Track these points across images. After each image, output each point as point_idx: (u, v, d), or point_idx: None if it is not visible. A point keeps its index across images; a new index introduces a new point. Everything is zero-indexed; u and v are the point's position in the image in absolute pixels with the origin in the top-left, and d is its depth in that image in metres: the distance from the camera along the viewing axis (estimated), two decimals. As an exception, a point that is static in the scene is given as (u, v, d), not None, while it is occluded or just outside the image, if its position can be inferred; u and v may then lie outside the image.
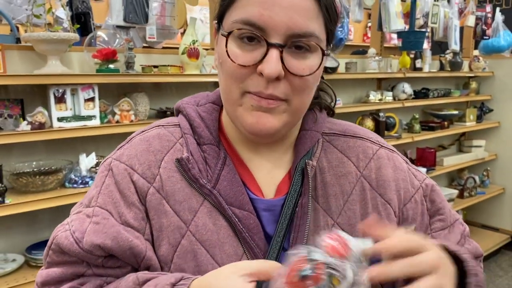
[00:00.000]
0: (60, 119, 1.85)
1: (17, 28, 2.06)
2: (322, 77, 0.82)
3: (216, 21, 0.71)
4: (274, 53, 0.62)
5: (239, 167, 0.75)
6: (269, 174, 0.76)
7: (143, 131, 0.78)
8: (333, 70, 2.69)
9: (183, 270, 0.69)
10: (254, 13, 0.62)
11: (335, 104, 0.85)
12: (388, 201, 0.77)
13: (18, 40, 1.95)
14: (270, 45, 0.62)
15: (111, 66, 1.99)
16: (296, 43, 0.63)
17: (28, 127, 1.76)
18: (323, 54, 0.66)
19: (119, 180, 0.72)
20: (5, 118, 1.82)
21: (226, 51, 0.65)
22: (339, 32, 2.52)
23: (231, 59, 0.64)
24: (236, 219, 0.70)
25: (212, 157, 0.73)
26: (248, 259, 0.69)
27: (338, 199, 0.74)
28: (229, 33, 0.64)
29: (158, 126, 0.78)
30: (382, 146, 0.81)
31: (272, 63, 0.62)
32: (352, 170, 0.77)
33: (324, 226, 0.73)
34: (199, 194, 0.71)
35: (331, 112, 0.85)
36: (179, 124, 0.77)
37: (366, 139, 0.81)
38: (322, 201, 0.74)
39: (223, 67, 0.67)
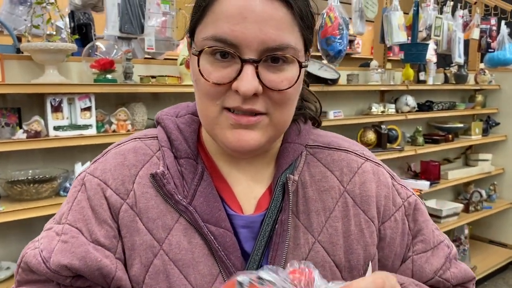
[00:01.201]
0: (56, 128, 1.87)
1: (19, 38, 2.10)
2: (307, 85, 0.80)
3: (189, 36, 0.68)
4: (249, 70, 0.60)
5: (218, 182, 0.72)
6: (249, 188, 0.73)
7: (119, 144, 0.75)
8: (333, 81, 2.68)
9: None
10: (224, 29, 0.59)
11: (320, 113, 0.83)
12: (372, 218, 0.73)
13: (18, 50, 1.99)
14: (244, 61, 0.60)
15: (109, 76, 2.01)
16: (271, 57, 0.61)
17: (24, 136, 1.78)
18: (300, 66, 0.64)
19: (91, 196, 0.69)
20: (2, 126, 1.84)
21: (199, 69, 0.62)
22: (337, 43, 2.52)
23: (205, 78, 0.62)
24: (212, 237, 0.67)
25: (189, 171, 0.70)
26: (224, 279, 0.66)
27: (320, 216, 0.71)
28: (200, 51, 0.62)
29: (135, 138, 0.75)
30: (367, 159, 0.78)
31: (247, 81, 0.59)
32: (335, 185, 0.73)
33: (304, 244, 0.69)
34: (174, 210, 0.68)
35: (316, 123, 0.82)
36: (157, 136, 0.74)
37: (351, 152, 0.77)
38: (303, 217, 0.71)
39: (198, 86, 0.64)
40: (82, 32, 2.31)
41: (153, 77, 2.18)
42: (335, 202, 0.72)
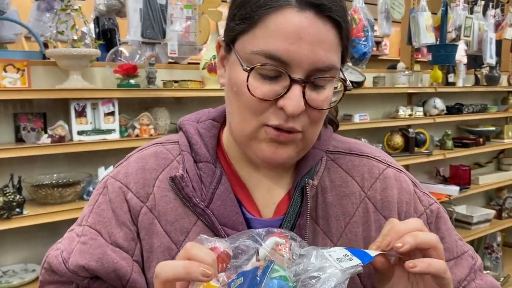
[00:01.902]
0: (80, 133, 1.89)
1: (46, 44, 2.14)
2: None
3: (224, 41, 0.67)
4: (297, 90, 0.60)
5: (236, 186, 0.72)
6: (268, 193, 0.73)
7: (141, 149, 0.77)
8: (358, 84, 2.63)
9: None
10: (279, 48, 0.59)
11: (337, 115, 0.82)
12: None
13: (44, 56, 2.02)
14: (293, 81, 0.60)
15: (132, 81, 2.03)
16: (318, 78, 0.61)
17: (49, 140, 1.80)
18: (345, 89, 0.65)
19: (113, 198, 0.72)
20: (28, 131, 1.88)
21: (247, 85, 0.61)
22: (362, 46, 2.47)
23: (251, 93, 0.61)
24: None
25: (207, 175, 0.71)
26: None
27: (339, 221, 0.71)
28: (252, 68, 0.61)
29: (156, 144, 0.77)
30: (389, 165, 0.77)
31: (295, 101, 0.60)
32: (356, 191, 0.73)
33: None
34: (192, 213, 0.69)
35: (334, 125, 0.81)
36: (178, 141, 0.76)
37: (372, 157, 0.77)
38: (322, 222, 0.71)
39: (239, 98, 0.64)
40: (107, 38, 2.34)
41: (175, 81, 2.18)
42: (355, 208, 0.72)
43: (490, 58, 3.38)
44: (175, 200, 0.70)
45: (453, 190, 3.15)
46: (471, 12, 3.34)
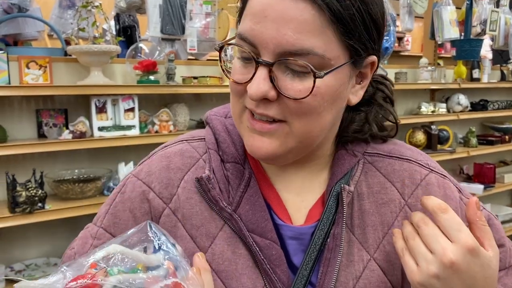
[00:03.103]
0: (100, 129, 1.91)
1: (68, 42, 2.16)
2: (388, 102, 0.71)
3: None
4: (260, 72, 0.55)
5: (265, 189, 0.67)
6: (299, 197, 0.67)
7: (166, 146, 0.72)
8: (379, 80, 2.59)
9: None
10: (246, 27, 0.56)
11: (397, 128, 0.72)
12: None
13: (66, 53, 2.05)
14: (258, 63, 0.56)
15: (151, 77, 2.04)
16: (286, 63, 0.55)
17: (70, 136, 1.82)
18: (315, 76, 0.55)
19: (132, 198, 0.67)
20: (50, 127, 1.90)
21: (221, 66, 0.61)
22: (384, 41, 2.43)
23: (226, 75, 0.61)
24: (257, 248, 0.62)
25: (235, 176, 0.66)
26: None
27: (377, 231, 0.65)
28: (221, 47, 0.60)
29: (182, 140, 0.72)
30: (432, 170, 0.70)
31: (255, 83, 0.55)
32: (396, 198, 0.67)
33: (359, 261, 0.64)
34: (219, 217, 0.64)
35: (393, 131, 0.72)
36: (204, 138, 0.70)
37: (414, 161, 0.70)
38: (358, 232, 0.65)
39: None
40: (127, 34, 2.35)
41: (195, 78, 2.18)
42: (394, 217, 0.66)
43: (516, 53, 3.29)
44: (201, 203, 0.65)
45: (477, 188, 3.08)
46: (497, 5, 3.25)
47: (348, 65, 0.58)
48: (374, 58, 0.61)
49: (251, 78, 0.56)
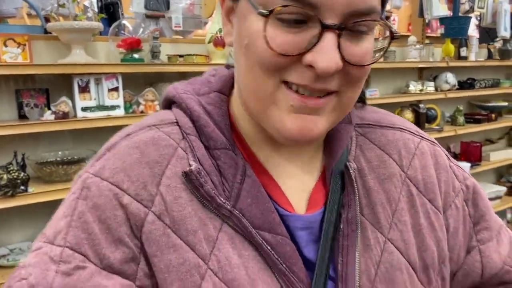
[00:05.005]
0: (84, 109, 1.85)
1: (48, 19, 2.08)
2: None
3: None
4: (331, 40, 0.46)
5: (261, 176, 0.57)
6: (298, 181, 0.59)
7: (128, 134, 0.57)
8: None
9: None
10: None
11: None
12: (438, 208, 0.62)
13: (46, 31, 1.97)
14: (325, 28, 0.46)
15: (136, 55, 1.97)
16: (357, 24, 0.47)
17: (52, 117, 1.77)
18: (392, 37, 0.50)
19: (101, 205, 0.52)
20: (31, 107, 1.84)
21: (265, 35, 0.47)
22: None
23: (269, 46, 0.47)
24: (269, 247, 0.53)
25: (229, 166, 0.55)
26: None
27: (385, 209, 0.59)
28: (270, 11, 0.46)
29: (150, 126, 0.57)
30: (422, 138, 0.66)
31: (329, 53, 0.46)
32: (396, 171, 0.61)
33: (375, 244, 0.57)
34: (215, 216, 0.53)
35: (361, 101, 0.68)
36: (176, 122, 0.58)
37: (405, 129, 0.65)
38: (367, 212, 0.58)
39: (251, 53, 0.49)
40: (110, 12, 2.28)
41: (180, 56, 2.13)
42: (399, 192, 0.60)
43: (504, 31, 3.28)
44: (192, 201, 0.53)
45: (464, 166, 3.07)
46: (485, -17, 3.23)
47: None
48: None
49: (311, 48, 0.47)
